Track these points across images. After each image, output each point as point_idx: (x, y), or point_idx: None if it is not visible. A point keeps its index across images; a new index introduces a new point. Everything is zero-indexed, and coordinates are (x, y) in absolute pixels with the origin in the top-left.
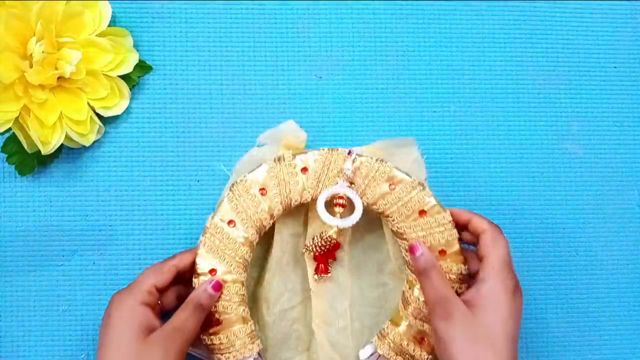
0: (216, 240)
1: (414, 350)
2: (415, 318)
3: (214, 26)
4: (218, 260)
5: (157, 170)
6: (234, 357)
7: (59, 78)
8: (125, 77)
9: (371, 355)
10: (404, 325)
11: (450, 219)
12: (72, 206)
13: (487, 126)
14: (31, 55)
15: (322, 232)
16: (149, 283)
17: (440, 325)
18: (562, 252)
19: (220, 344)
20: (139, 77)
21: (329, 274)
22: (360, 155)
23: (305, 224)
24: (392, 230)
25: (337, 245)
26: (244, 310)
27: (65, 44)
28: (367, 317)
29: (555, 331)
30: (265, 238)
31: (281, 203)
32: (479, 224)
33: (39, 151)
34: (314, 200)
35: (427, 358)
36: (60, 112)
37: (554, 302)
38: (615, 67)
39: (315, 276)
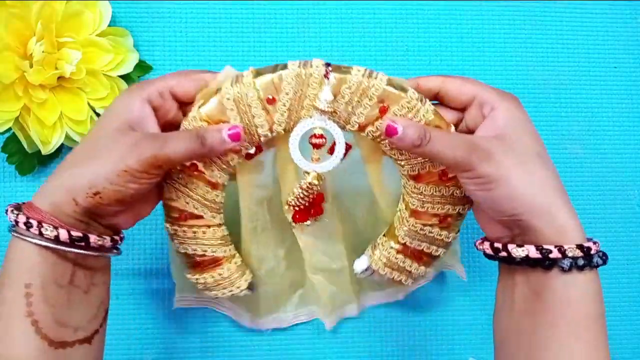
0: (181, 181)
1: (411, 266)
2: (412, 239)
3: (213, 26)
4: (187, 206)
5: None
6: (222, 293)
7: (59, 78)
8: (125, 77)
9: (366, 269)
10: (400, 243)
11: (454, 131)
12: None
13: None
14: (31, 55)
15: (301, 183)
16: (166, 83)
17: (488, 168)
18: None
19: (206, 283)
20: (139, 77)
21: (308, 223)
22: (340, 70)
23: (273, 182)
24: (386, 154)
25: (320, 198)
26: (224, 251)
27: (66, 44)
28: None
29: None
30: (234, 209)
31: (247, 141)
32: (459, 95)
33: (39, 151)
34: (287, 133)
35: (426, 271)
36: (61, 112)
37: None
38: (615, 67)
39: (294, 224)
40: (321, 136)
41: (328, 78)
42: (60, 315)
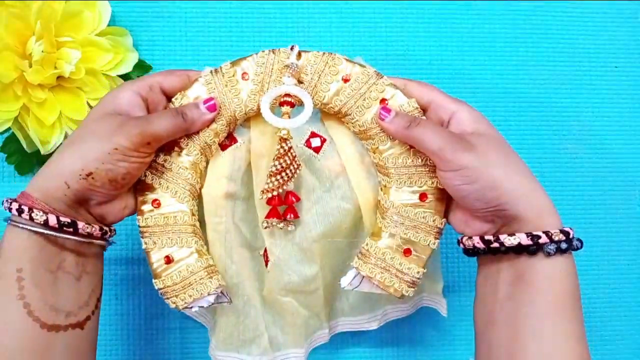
0: (158, 166)
1: (401, 265)
2: (397, 225)
3: (213, 26)
4: (160, 188)
5: None
6: (190, 296)
7: (58, 77)
8: (124, 77)
9: (354, 278)
10: (385, 237)
11: (417, 105)
12: None
13: None
14: (30, 54)
15: (275, 153)
16: (155, 79)
17: (471, 159)
18: None
19: (174, 284)
20: (138, 76)
21: (281, 225)
22: (305, 51)
23: (242, 183)
24: (355, 132)
25: (294, 197)
26: (196, 242)
27: (65, 44)
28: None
29: None
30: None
31: (224, 117)
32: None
33: (39, 151)
34: (257, 114)
35: (419, 272)
36: (60, 112)
37: None
38: (615, 67)
39: (265, 222)
40: (290, 96)
41: (294, 49)
42: (52, 299)
